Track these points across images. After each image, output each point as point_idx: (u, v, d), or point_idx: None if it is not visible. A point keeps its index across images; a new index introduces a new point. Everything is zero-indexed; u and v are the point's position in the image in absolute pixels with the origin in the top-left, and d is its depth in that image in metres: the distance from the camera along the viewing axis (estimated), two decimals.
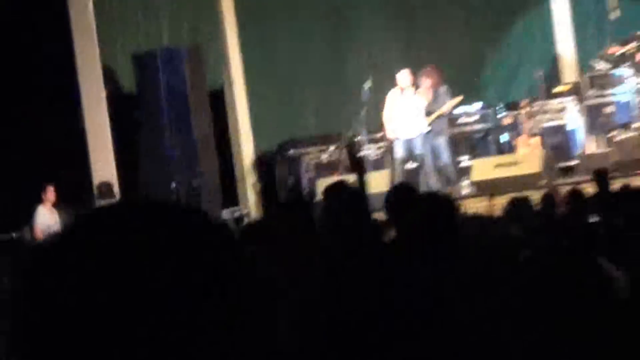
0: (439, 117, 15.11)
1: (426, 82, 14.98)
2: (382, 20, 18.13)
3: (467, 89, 16.60)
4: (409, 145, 15.19)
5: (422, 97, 15.51)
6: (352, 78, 16.78)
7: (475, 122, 16.39)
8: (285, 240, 4.24)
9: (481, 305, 3.71)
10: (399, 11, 18.39)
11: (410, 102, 15.39)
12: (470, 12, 18.20)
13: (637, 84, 15.62)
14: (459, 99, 15.46)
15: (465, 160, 15.87)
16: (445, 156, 15.49)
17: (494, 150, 16.40)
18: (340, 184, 7.18)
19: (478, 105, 16.38)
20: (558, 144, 16.00)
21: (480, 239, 5.73)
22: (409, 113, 15.21)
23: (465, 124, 16.35)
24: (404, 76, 15.30)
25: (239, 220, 14.30)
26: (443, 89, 15.31)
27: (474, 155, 16.04)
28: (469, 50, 17.91)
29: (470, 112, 16.62)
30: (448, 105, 15.14)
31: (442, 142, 15.58)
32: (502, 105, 16.56)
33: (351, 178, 13.47)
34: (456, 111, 16.03)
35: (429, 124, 15.33)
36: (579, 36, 17.90)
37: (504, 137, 16.44)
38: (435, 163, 15.38)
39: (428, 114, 15.32)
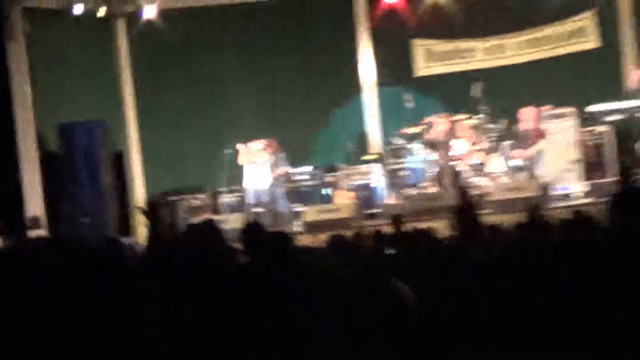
0: (279, 175, 18.36)
1: (269, 149, 18.30)
2: (247, 96, 21.11)
3: (302, 154, 19.92)
4: (258, 194, 18.49)
5: (268, 159, 18.69)
6: (223, 140, 19.51)
7: (306, 179, 19.58)
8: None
9: (311, 310, 4.15)
10: (262, 88, 21.22)
11: (260, 162, 18.54)
12: (307, 96, 21.40)
13: (424, 155, 18.88)
14: (289, 168, 18.97)
15: (298, 207, 18.88)
16: (283, 203, 18.63)
17: (319, 200, 19.44)
18: (207, 221, 8.67)
19: (309, 167, 19.72)
20: (366, 196, 19.08)
21: (308, 264, 6.52)
22: (259, 170, 18.53)
23: (299, 181, 19.50)
24: (257, 144, 18.50)
25: (131, 246, 17.79)
26: (282, 155, 18.58)
27: (305, 203, 19.04)
28: (306, 125, 20.99)
29: (303, 172, 19.64)
30: (283, 169, 18.54)
31: (280, 193, 18.85)
32: (326, 168, 19.87)
33: (214, 217, 15.97)
34: (293, 170, 19.11)
35: (273, 179, 18.52)
36: (383, 119, 21.23)
37: (327, 191, 19.68)
38: (276, 208, 18.58)
39: (272, 171, 18.47)
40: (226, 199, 19.29)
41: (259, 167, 19.06)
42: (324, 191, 19.70)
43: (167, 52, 20.67)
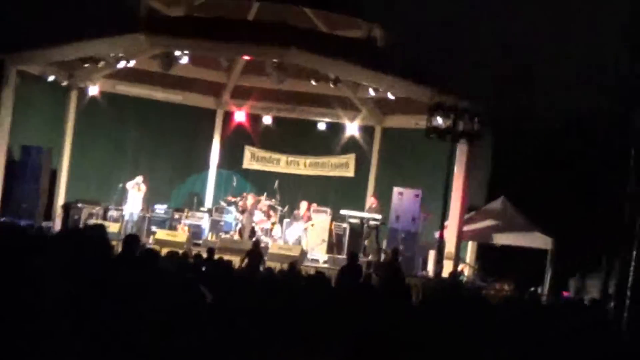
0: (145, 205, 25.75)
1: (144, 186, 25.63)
2: (139, 156, 28.35)
3: (164, 197, 27.65)
4: (132, 214, 25.78)
5: (142, 192, 25.70)
6: (120, 175, 26.95)
7: (162, 213, 26.85)
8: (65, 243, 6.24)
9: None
10: (150, 152, 28.76)
11: (137, 194, 25.69)
12: (176, 165, 29.29)
13: (235, 215, 26.12)
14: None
15: (153, 228, 25.76)
16: (145, 224, 25.62)
17: (169, 227, 26.25)
18: (99, 224, 12.58)
19: (165, 206, 27.19)
20: (195, 232, 25.90)
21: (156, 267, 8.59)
22: (136, 199, 25.76)
23: (158, 213, 26.55)
24: (138, 180, 25.73)
25: (50, 228, 23.71)
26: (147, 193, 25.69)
27: (159, 227, 25.99)
28: (170, 181, 28.84)
29: (162, 208, 26.95)
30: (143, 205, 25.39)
31: (143, 216, 25.76)
32: (176, 208, 27.03)
33: (105, 223, 21.28)
34: (155, 206, 26.44)
35: (141, 207, 25.60)
36: (216, 188, 29.34)
37: (175, 223, 26.50)
38: (142, 225, 25.50)
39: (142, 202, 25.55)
40: (113, 212, 26.57)
41: (136, 197, 26.06)
42: (174, 223, 26.71)
43: (98, 114, 28.31)
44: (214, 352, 5.31)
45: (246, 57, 28.10)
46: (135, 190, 26.44)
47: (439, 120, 22.91)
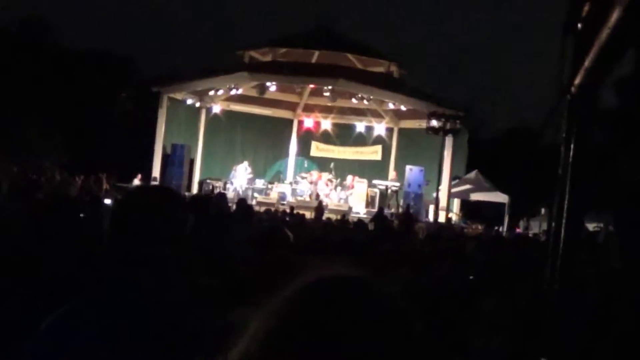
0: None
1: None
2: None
3: (261, 173, 36.41)
4: (241, 186, 34.34)
5: (247, 171, 34.37)
6: (235, 161, 35.55)
7: (262, 185, 35.58)
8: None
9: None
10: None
11: (244, 174, 34.27)
12: (268, 155, 38.11)
13: (307, 185, 35.15)
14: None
15: (256, 195, 35.00)
16: (250, 192, 34.22)
17: (264, 194, 33.49)
18: (221, 193, 25.61)
19: (262, 180, 35.87)
20: (282, 196, 33.70)
21: None
22: (243, 176, 34.74)
23: (257, 185, 35.69)
24: (245, 164, 34.24)
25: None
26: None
27: (259, 194, 33.45)
28: (264, 164, 37.37)
29: (259, 182, 35.76)
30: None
31: (248, 187, 34.72)
32: (269, 181, 36.03)
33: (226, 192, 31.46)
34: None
35: (247, 181, 34.36)
36: (294, 168, 37.97)
37: (269, 191, 34.56)
38: (248, 193, 35.52)
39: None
40: (229, 185, 33.72)
41: (243, 175, 34.10)
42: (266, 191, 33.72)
43: (219, 123, 36.91)
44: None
45: (311, 86, 36.52)
46: (242, 170, 34.13)
47: (434, 123, 29.08)
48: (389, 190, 32.45)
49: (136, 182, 30.64)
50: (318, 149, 38.95)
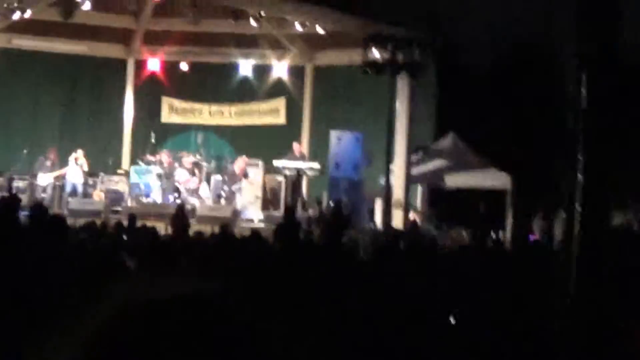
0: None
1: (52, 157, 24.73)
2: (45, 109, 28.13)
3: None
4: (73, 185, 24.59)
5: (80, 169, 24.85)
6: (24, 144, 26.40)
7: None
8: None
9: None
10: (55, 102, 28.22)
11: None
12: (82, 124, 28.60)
13: (158, 173, 25.06)
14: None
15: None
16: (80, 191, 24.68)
17: (83, 195, 25.07)
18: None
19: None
20: (114, 196, 25.11)
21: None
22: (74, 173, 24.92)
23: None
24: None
25: None
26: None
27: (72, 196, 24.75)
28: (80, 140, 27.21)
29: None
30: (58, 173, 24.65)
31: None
32: (90, 173, 25.63)
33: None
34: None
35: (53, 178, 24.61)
36: (134, 148, 28.65)
37: (89, 190, 25.56)
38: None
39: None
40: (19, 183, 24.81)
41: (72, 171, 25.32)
42: (89, 190, 25.77)
43: None
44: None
45: None
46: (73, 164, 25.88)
47: (376, 53, 23.62)
48: (303, 177, 26.39)
49: None
50: (173, 111, 30.82)
